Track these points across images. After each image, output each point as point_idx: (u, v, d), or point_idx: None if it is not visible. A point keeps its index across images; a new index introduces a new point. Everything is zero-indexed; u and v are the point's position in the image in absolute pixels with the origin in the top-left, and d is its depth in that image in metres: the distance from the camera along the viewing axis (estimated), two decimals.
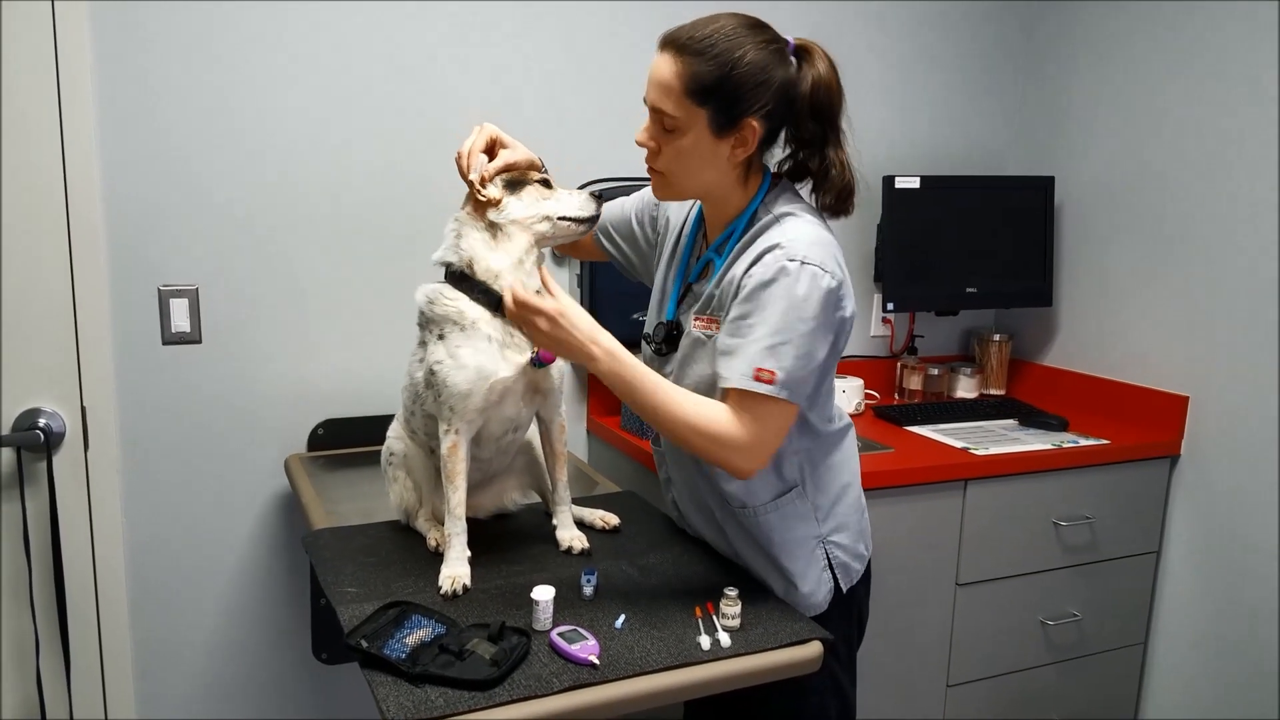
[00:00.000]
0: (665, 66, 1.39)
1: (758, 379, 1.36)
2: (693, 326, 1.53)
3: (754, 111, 1.39)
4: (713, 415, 1.39)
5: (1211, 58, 2.39)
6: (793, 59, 1.42)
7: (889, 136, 2.82)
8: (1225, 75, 2.36)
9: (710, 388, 1.49)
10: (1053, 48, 2.84)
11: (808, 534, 1.56)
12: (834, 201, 1.50)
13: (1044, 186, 2.79)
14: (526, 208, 1.50)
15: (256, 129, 2.16)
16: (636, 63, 2.46)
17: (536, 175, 1.53)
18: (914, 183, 2.64)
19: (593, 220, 1.55)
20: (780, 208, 1.48)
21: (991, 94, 2.94)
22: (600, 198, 1.57)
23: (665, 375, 1.57)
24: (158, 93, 2.06)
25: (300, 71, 2.17)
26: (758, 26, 1.41)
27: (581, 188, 2.37)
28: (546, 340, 1.39)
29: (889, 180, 2.62)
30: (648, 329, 1.66)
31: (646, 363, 1.62)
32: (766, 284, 1.38)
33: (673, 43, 1.39)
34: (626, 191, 2.38)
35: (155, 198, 2.09)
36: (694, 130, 1.40)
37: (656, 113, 1.41)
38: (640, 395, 1.40)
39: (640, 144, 1.46)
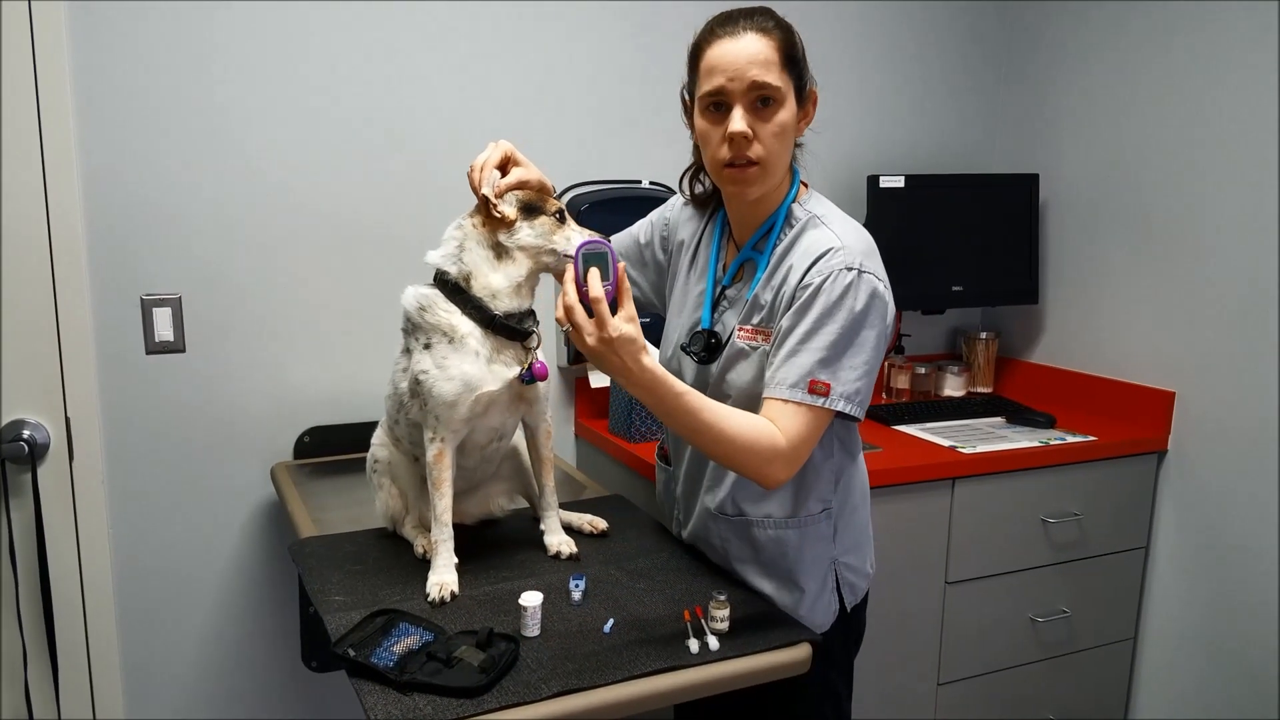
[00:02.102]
0: (756, 43, 1.38)
1: (812, 390, 1.36)
2: (737, 336, 1.52)
3: (811, 80, 1.45)
4: (762, 428, 1.36)
5: (1194, 53, 2.41)
6: None
7: (873, 136, 2.82)
8: (1208, 70, 2.38)
9: (752, 398, 1.48)
10: (1034, 45, 2.85)
11: (822, 554, 1.56)
12: None
13: (1028, 184, 2.79)
14: (537, 237, 1.48)
15: (239, 137, 2.15)
16: (621, 66, 2.46)
17: (553, 206, 1.51)
18: (898, 182, 2.64)
19: None
20: (815, 205, 1.50)
21: (974, 92, 2.95)
22: (608, 242, 1.56)
23: (704, 385, 1.57)
24: (139, 99, 2.05)
25: (283, 80, 2.16)
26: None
27: (565, 191, 2.39)
28: (588, 349, 1.30)
29: (873, 180, 2.62)
30: (682, 340, 1.63)
31: (687, 373, 1.62)
32: (823, 292, 1.38)
33: (751, 22, 1.40)
34: (608, 194, 2.40)
35: (137, 206, 2.08)
36: (789, 101, 1.42)
37: (755, 90, 1.38)
38: (685, 418, 1.34)
39: (739, 135, 1.39)
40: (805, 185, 1.55)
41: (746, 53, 1.38)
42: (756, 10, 1.42)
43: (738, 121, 1.40)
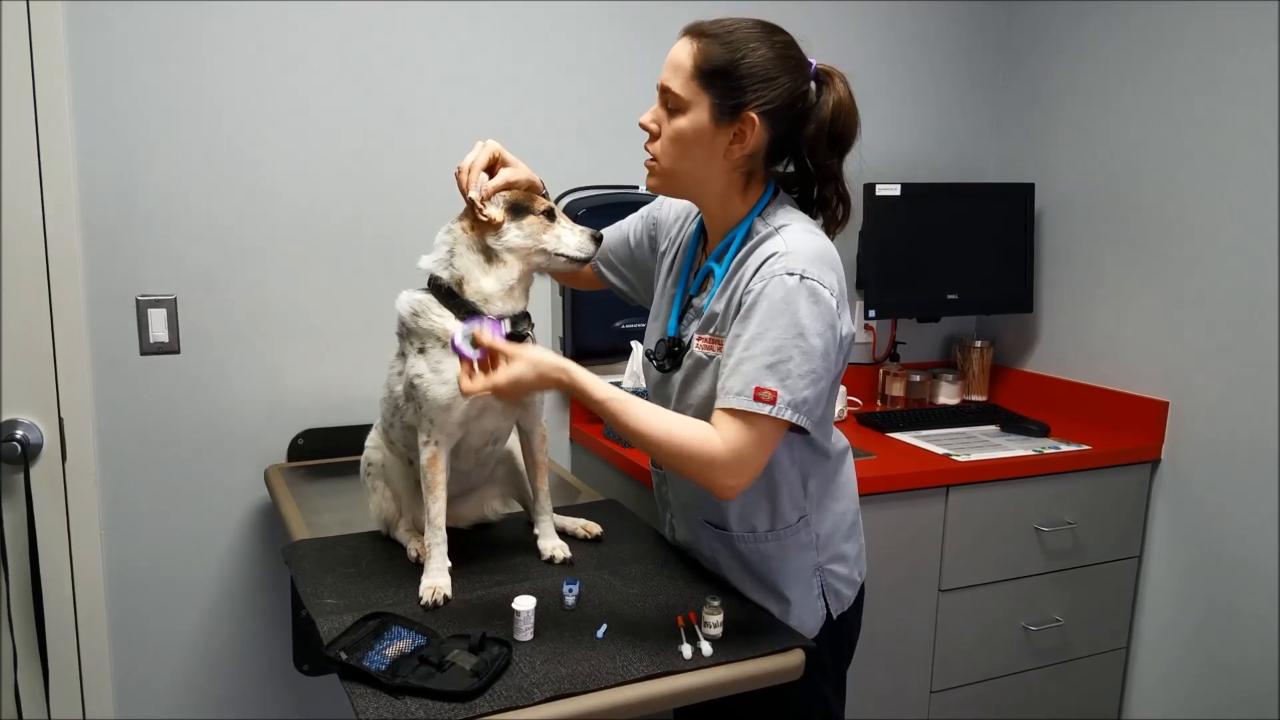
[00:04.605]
0: (682, 48, 1.40)
1: (758, 398, 1.33)
2: (695, 346, 1.51)
3: (756, 106, 1.38)
4: (701, 432, 1.36)
5: (1191, 63, 2.42)
6: (812, 82, 1.44)
7: (869, 144, 2.75)
8: (1204, 82, 2.39)
9: (712, 407, 1.49)
10: (1031, 54, 2.86)
11: (805, 562, 1.55)
12: (825, 228, 1.52)
13: (1024, 193, 2.80)
14: (525, 238, 1.48)
15: (236, 140, 2.15)
16: (616, 71, 2.46)
17: (541, 205, 1.50)
18: (895, 190, 2.65)
19: (587, 261, 1.55)
20: (778, 219, 1.46)
21: (971, 101, 2.96)
22: (599, 239, 1.56)
23: (668, 394, 1.56)
24: (136, 101, 2.05)
25: (279, 83, 2.16)
26: (779, 30, 1.43)
27: (561, 196, 2.39)
28: (509, 394, 1.37)
29: (870, 188, 2.63)
30: (649, 345, 1.63)
31: (652, 381, 1.62)
32: (764, 297, 1.35)
33: (693, 29, 1.41)
34: (605, 200, 2.41)
35: (133, 207, 2.08)
36: (694, 113, 1.39)
37: (664, 94, 1.42)
38: (617, 414, 1.37)
39: (643, 125, 1.46)
40: (777, 195, 1.52)
41: (673, 56, 1.41)
42: (723, 19, 1.41)
43: (645, 112, 1.45)
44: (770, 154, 1.46)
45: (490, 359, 1.37)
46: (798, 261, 1.36)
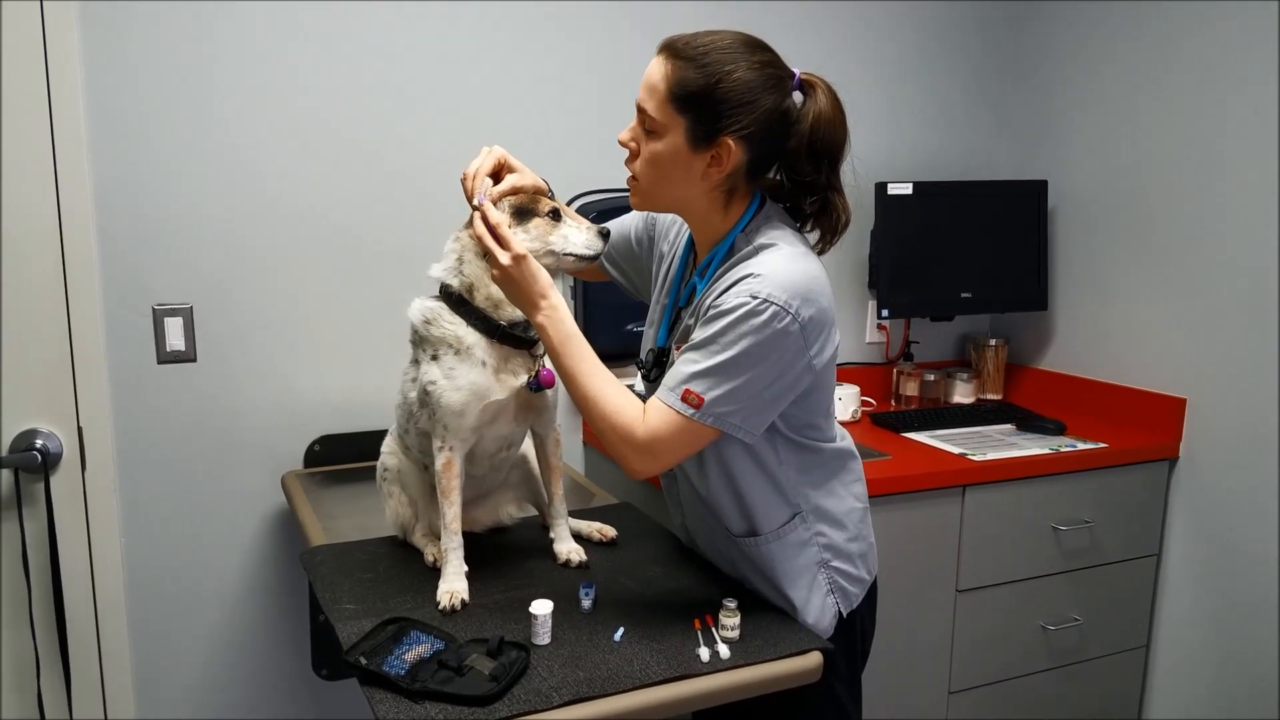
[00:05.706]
0: (656, 68, 1.38)
1: (684, 399, 1.35)
2: (675, 356, 1.50)
3: (733, 131, 1.36)
4: (628, 409, 1.38)
5: (1204, 58, 2.40)
6: (795, 93, 1.41)
7: (881, 142, 2.83)
8: (1218, 76, 2.37)
9: None
10: (1043, 51, 2.85)
11: (807, 560, 1.54)
12: (819, 244, 1.49)
13: (1037, 191, 2.79)
14: (532, 240, 1.47)
15: (251, 146, 2.16)
16: (625, 74, 2.46)
17: (546, 206, 1.50)
18: (906, 189, 2.64)
19: (596, 257, 1.55)
20: (762, 237, 1.44)
21: (983, 98, 2.95)
22: (607, 234, 1.55)
23: None
24: (151, 110, 2.07)
25: (294, 90, 2.18)
26: (758, 47, 1.39)
27: (572, 200, 2.39)
28: (501, 275, 1.40)
29: (881, 187, 2.63)
30: (641, 354, 1.63)
31: (644, 388, 1.63)
32: (725, 313, 1.35)
33: (669, 47, 1.39)
34: (615, 203, 2.41)
35: (149, 216, 2.10)
36: (670, 137, 1.38)
37: (640, 113, 1.41)
38: (567, 360, 1.39)
39: (622, 143, 1.45)
40: (763, 209, 1.49)
41: (647, 74, 1.39)
42: (700, 37, 1.38)
43: (624, 129, 1.45)
44: (751, 170, 1.44)
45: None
46: (766, 285, 1.34)
